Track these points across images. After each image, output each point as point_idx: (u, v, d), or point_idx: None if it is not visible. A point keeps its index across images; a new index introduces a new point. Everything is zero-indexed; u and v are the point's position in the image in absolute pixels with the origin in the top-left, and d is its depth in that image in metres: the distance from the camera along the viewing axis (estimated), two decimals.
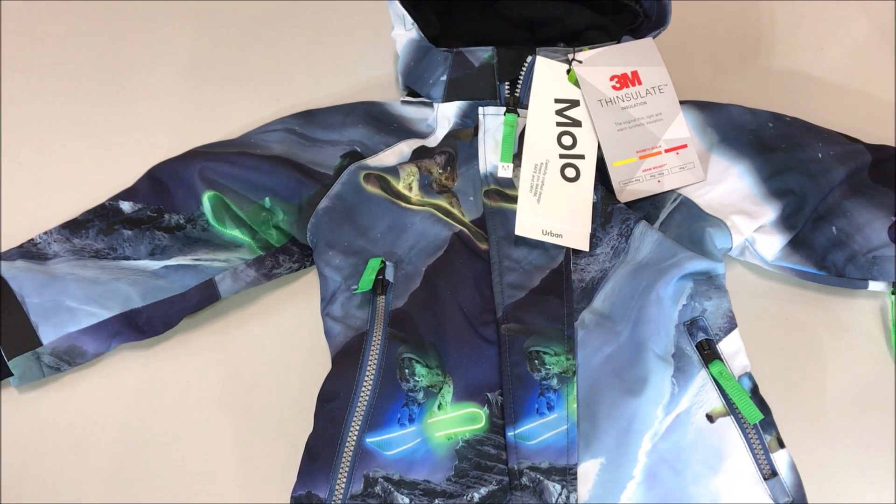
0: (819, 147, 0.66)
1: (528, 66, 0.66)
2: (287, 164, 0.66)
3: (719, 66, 0.79)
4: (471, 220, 0.64)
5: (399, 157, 0.67)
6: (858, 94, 0.77)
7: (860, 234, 0.64)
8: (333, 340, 0.60)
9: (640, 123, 0.66)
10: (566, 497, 0.54)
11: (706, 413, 0.57)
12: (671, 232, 0.64)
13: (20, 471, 0.60)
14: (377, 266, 0.61)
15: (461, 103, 0.67)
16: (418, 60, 0.68)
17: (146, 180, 0.67)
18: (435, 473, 0.55)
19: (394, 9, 0.66)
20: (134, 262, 0.64)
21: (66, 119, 0.75)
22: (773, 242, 0.64)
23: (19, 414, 0.62)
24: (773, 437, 0.56)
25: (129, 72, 0.78)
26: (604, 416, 0.56)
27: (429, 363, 0.58)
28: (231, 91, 0.77)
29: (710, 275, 0.61)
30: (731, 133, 0.67)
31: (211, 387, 0.63)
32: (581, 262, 0.62)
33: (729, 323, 0.60)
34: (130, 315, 0.62)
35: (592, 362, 0.58)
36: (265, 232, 0.65)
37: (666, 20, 0.67)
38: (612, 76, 0.66)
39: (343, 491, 0.54)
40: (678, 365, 0.58)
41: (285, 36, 0.80)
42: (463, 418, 0.56)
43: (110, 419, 0.62)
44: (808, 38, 0.81)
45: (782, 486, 0.55)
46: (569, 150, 0.65)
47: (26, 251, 0.64)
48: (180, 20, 0.81)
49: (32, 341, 0.61)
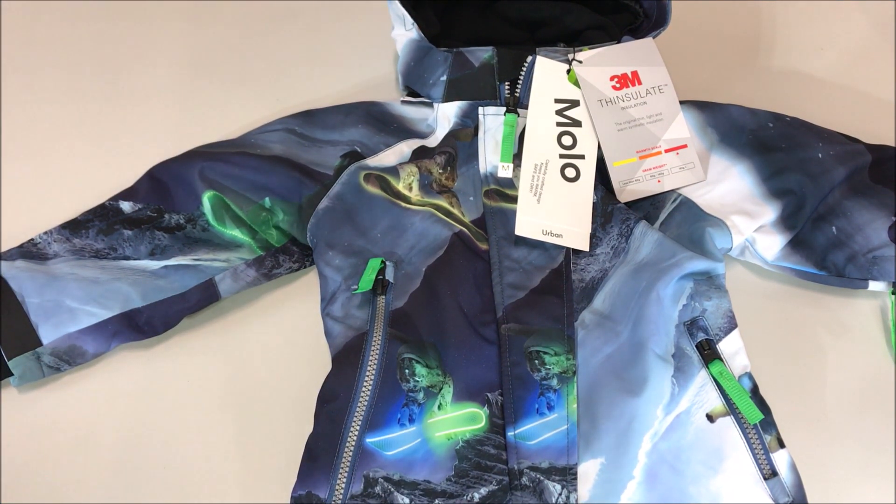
0: (819, 147, 0.66)
1: (528, 66, 0.66)
2: (287, 164, 0.66)
3: (719, 66, 0.79)
4: (471, 220, 0.64)
5: (399, 157, 0.67)
6: (858, 94, 0.77)
7: (860, 234, 0.64)
8: (333, 340, 0.60)
9: (640, 123, 0.66)
10: (566, 497, 0.54)
11: (706, 413, 0.57)
12: (671, 232, 0.64)
13: (20, 471, 0.60)
14: (377, 266, 0.61)
15: (461, 103, 0.67)
16: (418, 60, 0.68)
17: (146, 180, 0.67)
18: (435, 473, 0.55)
19: (394, 9, 0.66)
20: (134, 262, 0.64)
21: (65, 119, 0.75)
22: (773, 242, 0.64)
23: (19, 414, 0.62)
24: (773, 437, 0.56)
25: (129, 72, 0.78)
26: (604, 416, 0.56)
27: (429, 363, 0.58)
28: (231, 91, 0.77)
29: (710, 275, 0.61)
30: (731, 133, 0.67)
31: (211, 387, 0.63)
32: (581, 262, 0.62)
33: (729, 323, 0.60)
34: (130, 315, 0.62)
35: (592, 362, 0.58)
36: (265, 232, 0.65)
37: (666, 20, 0.67)
38: (612, 76, 0.66)
39: (343, 491, 0.54)
40: (678, 365, 0.58)
41: (285, 36, 0.80)
42: (463, 418, 0.56)
43: (110, 419, 0.62)
44: (808, 38, 0.81)
45: (782, 486, 0.55)
46: (569, 150, 0.65)
47: (26, 251, 0.64)
48: (180, 20, 0.81)
49: (32, 341, 0.61)
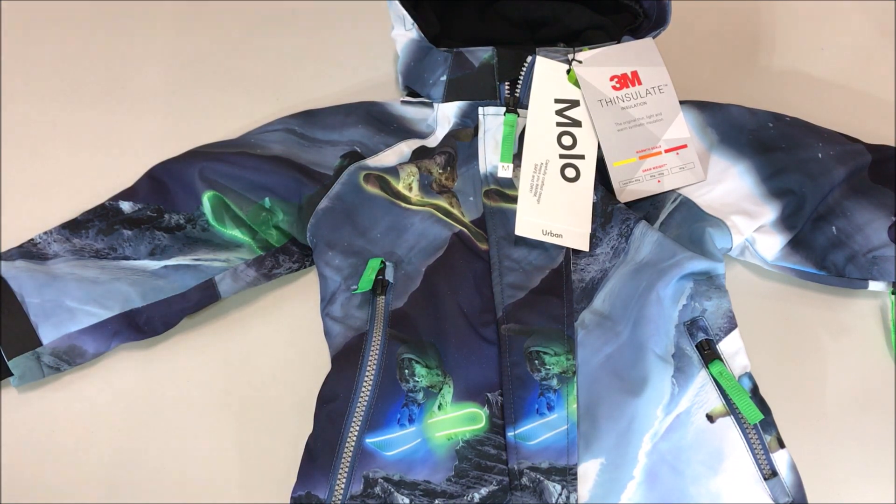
0: (819, 147, 0.66)
1: (528, 66, 0.66)
2: (287, 164, 0.66)
3: (719, 66, 0.79)
4: (471, 221, 0.64)
5: (399, 157, 0.67)
6: (858, 94, 0.77)
7: (860, 234, 0.64)
8: (333, 341, 0.60)
9: (640, 123, 0.66)
10: (566, 497, 0.54)
11: (706, 413, 0.57)
12: (671, 232, 0.64)
13: (20, 471, 0.60)
14: (377, 266, 0.61)
15: (461, 103, 0.67)
16: (418, 60, 0.68)
17: (146, 180, 0.67)
18: (435, 474, 0.55)
19: (394, 9, 0.66)
20: (134, 262, 0.64)
21: (65, 119, 0.75)
22: (773, 242, 0.64)
23: (19, 414, 0.62)
24: (773, 437, 0.56)
25: (128, 71, 0.78)
26: (604, 417, 0.56)
27: (429, 363, 0.58)
28: (231, 91, 0.77)
29: (710, 275, 0.61)
30: (730, 133, 0.67)
31: (211, 387, 0.63)
32: (581, 263, 0.62)
33: (729, 323, 0.60)
34: (130, 315, 0.62)
35: (592, 362, 0.58)
36: (265, 232, 0.65)
37: (666, 20, 0.67)
38: (612, 76, 0.66)
39: (343, 491, 0.54)
40: (678, 365, 0.58)
41: (285, 36, 0.80)
42: (463, 418, 0.56)
43: (110, 419, 0.62)
44: (808, 38, 0.81)
45: (782, 486, 0.55)
46: (569, 150, 0.65)
47: (26, 251, 0.64)
48: (180, 20, 0.81)
49: (32, 341, 0.61)
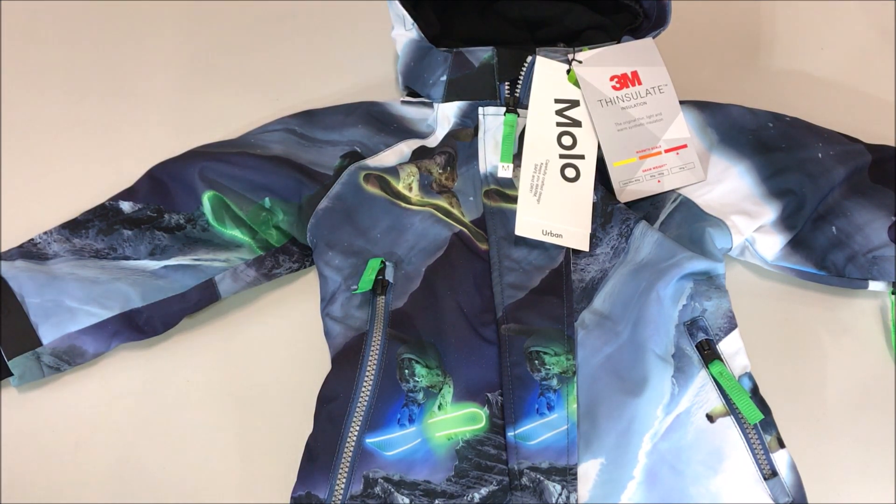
0: (819, 147, 0.66)
1: (528, 67, 0.66)
2: (287, 164, 0.66)
3: (719, 66, 0.79)
4: (471, 221, 0.64)
5: (399, 157, 0.67)
6: (858, 94, 0.77)
7: (860, 233, 0.64)
8: (333, 341, 0.60)
9: (640, 123, 0.66)
10: (566, 497, 0.54)
11: (706, 413, 0.57)
12: (671, 232, 0.64)
13: (20, 471, 0.60)
14: (377, 266, 0.61)
15: (461, 103, 0.67)
16: (418, 60, 0.68)
17: (146, 180, 0.67)
18: (435, 474, 0.55)
19: (394, 9, 0.66)
20: (134, 262, 0.64)
21: (65, 119, 0.75)
22: (773, 242, 0.64)
23: (19, 414, 0.62)
24: (773, 437, 0.56)
25: (128, 71, 0.78)
26: (604, 417, 0.56)
27: (429, 363, 0.58)
28: (231, 91, 0.77)
29: (710, 275, 0.61)
30: (731, 133, 0.67)
31: (211, 387, 0.63)
32: (581, 263, 0.62)
33: (729, 323, 0.60)
34: (130, 315, 0.62)
35: (592, 362, 0.58)
36: (265, 232, 0.65)
37: (666, 20, 0.67)
38: (612, 76, 0.66)
39: (343, 491, 0.54)
40: (678, 365, 0.58)
41: (285, 36, 0.80)
42: (463, 418, 0.56)
43: (110, 419, 0.62)
44: (808, 38, 0.81)
45: (782, 486, 0.55)
46: (569, 150, 0.65)
47: (26, 251, 0.64)
48: (180, 20, 0.81)
49: (32, 341, 0.61)
